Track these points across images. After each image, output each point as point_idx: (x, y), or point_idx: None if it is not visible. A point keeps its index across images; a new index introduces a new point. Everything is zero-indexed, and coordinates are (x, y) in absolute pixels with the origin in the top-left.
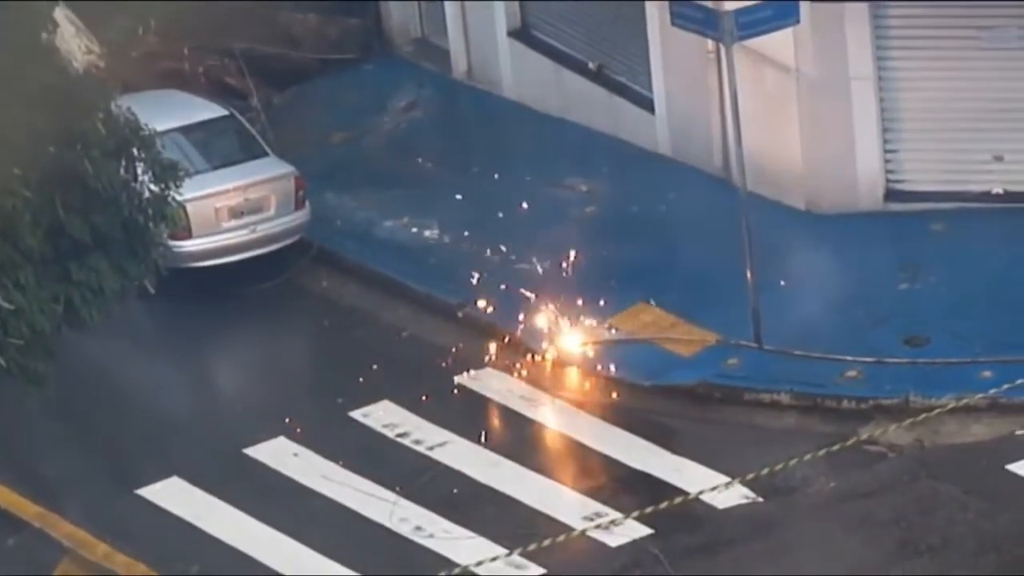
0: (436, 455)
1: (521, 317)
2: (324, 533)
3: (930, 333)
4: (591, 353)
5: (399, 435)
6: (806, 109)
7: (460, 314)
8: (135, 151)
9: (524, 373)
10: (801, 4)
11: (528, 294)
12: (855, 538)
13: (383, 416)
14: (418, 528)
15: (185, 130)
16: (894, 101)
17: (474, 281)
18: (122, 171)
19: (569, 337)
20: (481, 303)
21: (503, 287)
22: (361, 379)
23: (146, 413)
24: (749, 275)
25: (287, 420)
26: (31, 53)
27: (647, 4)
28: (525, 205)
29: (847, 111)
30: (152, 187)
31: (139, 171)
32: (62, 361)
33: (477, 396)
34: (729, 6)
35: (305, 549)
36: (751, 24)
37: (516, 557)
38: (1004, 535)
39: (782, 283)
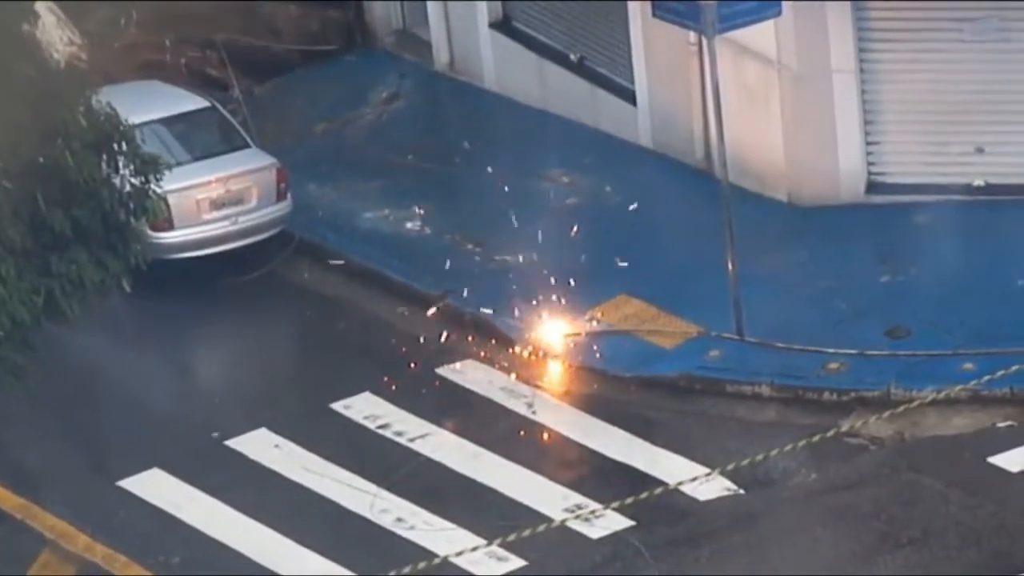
0: (417, 447)
1: (502, 309)
2: (305, 524)
3: (911, 325)
4: (573, 345)
5: (380, 427)
6: (788, 102)
7: (441, 305)
8: (115, 145)
9: (505, 365)
10: None
11: (509, 286)
12: (836, 530)
13: (364, 408)
14: (399, 520)
15: (166, 121)
16: (876, 93)
17: (456, 272)
18: (103, 165)
19: (551, 329)
20: (462, 294)
21: (485, 279)
22: (342, 370)
23: (127, 404)
24: (731, 267)
25: (268, 412)
26: (12, 45)
27: None
28: (506, 190)
29: (829, 104)
30: (133, 180)
31: (120, 165)
32: (43, 352)
33: (459, 388)
34: None
35: (286, 540)
36: (733, 16)
37: (496, 548)
38: (985, 527)
39: (764, 275)
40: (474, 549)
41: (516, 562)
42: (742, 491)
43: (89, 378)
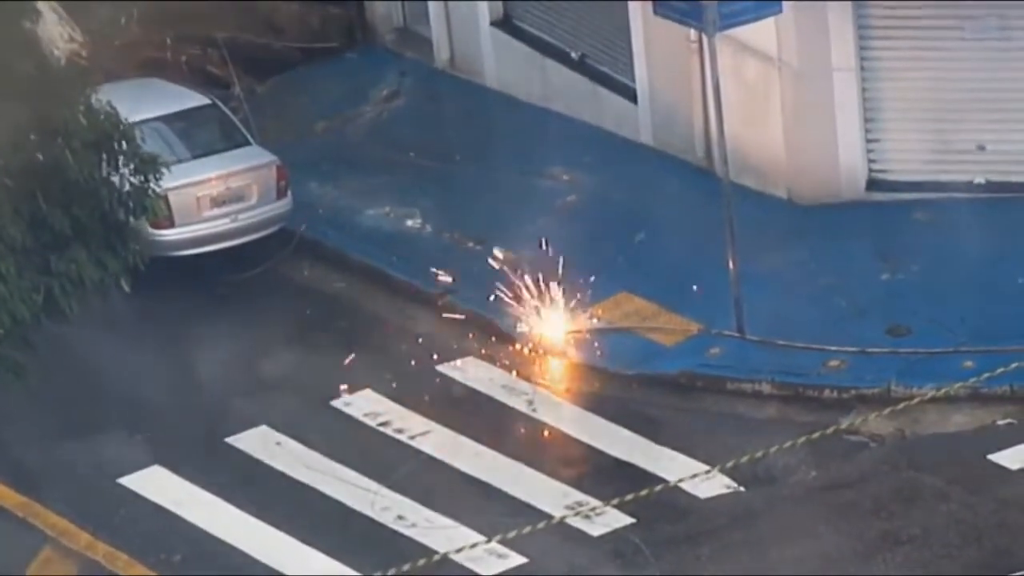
0: (418, 444)
1: (503, 306)
2: (305, 522)
3: (912, 323)
4: (573, 342)
5: (381, 424)
6: (788, 99)
7: (441, 303)
8: (115, 144)
9: (506, 362)
10: None
11: (510, 283)
12: (836, 528)
13: (365, 405)
14: (400, 517)
15: (167, 119)
16: (876, 91)
17: (456, 269)
18: (103, 164)
19: (551, 326)
20: (463, 292)
21: (485, 276)
22: (343, 368)
23: (128, 402)
24: (731, 265)
25: (269, 409)
26: (13, 43)
27: None
28: (507, 188)
29: (829, 101)
30: (132, 180)
31: (120, 163)
32: (43, 349)
33: (459, 385)
34: None
35: (287, 538)
36: (733, 14)
37: (496, 545)
38: (986, 525)
39: (764, 273)
40: (474, 546)
41: (516, 559)
42: (742, 488)
43: (90, 375)
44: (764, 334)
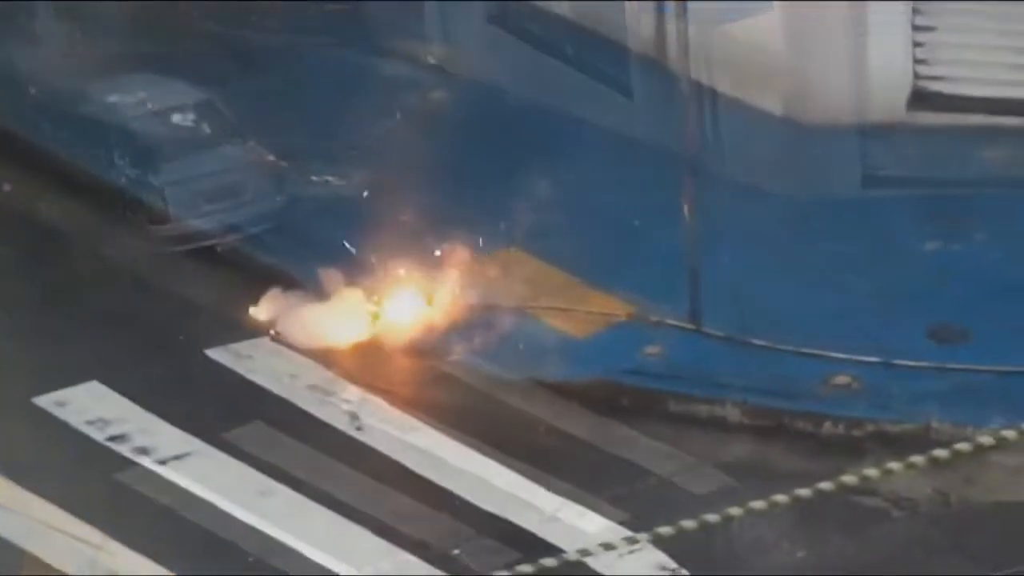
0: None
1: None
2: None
3: (969, 322)
4: (429, 329)
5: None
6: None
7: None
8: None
9: (332, 358)
10: None
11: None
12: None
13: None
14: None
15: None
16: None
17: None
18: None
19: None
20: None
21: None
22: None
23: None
24: (688, 217)
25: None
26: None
27: None
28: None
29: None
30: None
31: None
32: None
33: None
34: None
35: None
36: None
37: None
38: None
39: (739, 240)
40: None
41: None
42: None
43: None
44: (732, 328)
